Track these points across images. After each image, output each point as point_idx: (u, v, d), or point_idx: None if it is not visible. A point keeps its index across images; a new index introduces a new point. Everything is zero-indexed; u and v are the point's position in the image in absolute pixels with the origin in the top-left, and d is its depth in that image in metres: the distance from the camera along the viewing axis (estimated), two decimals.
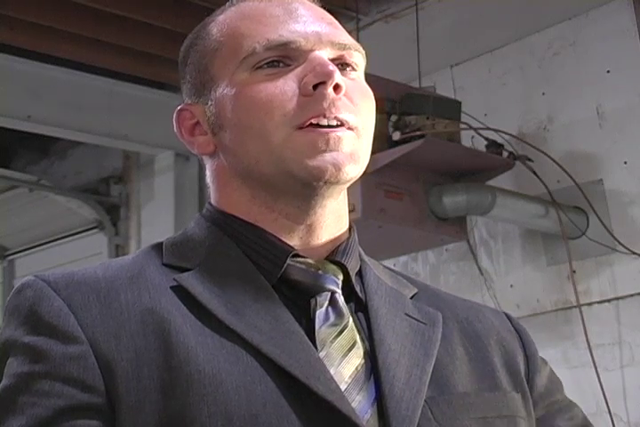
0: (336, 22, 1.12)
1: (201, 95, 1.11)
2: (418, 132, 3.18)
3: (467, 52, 3.92)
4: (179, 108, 1.14)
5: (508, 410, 1.07)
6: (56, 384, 0.94)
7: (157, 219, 4.89)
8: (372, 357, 1.02)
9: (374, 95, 1.09)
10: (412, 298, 1.13)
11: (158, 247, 1.09)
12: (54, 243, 5.48)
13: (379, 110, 1.10)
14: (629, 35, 3.50)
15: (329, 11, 1.16)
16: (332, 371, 0.99)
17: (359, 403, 0.98)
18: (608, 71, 3.55)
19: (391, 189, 3.19)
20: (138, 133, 4.71)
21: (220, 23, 1.12)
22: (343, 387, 0.98)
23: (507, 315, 1.21)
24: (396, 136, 3.18)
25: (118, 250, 5.08)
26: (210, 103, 1.09)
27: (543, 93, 3.71)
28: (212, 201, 1.13)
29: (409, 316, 1.10)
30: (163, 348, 0.96)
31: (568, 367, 3.50)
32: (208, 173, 1.14)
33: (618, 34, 3.53)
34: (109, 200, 5.20)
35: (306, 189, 1.04)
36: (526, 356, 1.15)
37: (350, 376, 1.00)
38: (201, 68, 1.11)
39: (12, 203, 5.41)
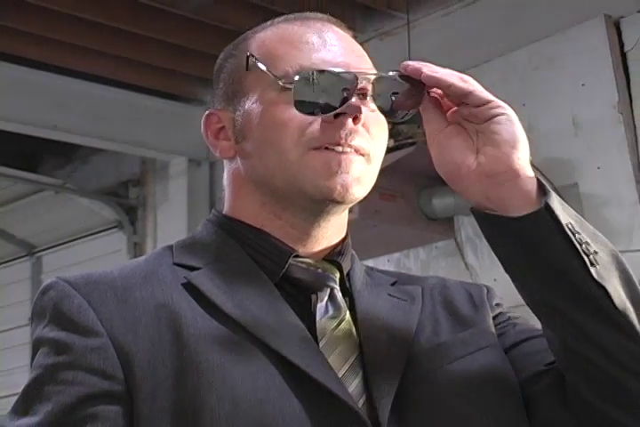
0: (364, 54, 1.12)
1: (230, 103, 1.10)
2: (409, 140, 3.18)
3: (454, 67, 3.89)
4: (208, 111, 1.13)
5: (485, 342, 1.09)
6: (79, 374, 0.95)
7: (171, 219, 4.89)
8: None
9: None
10: (392, 285, 1.14)
11: (169, 249, 1.09)
12: (78, 241, 5.48)
13: None
14: (602, 51, 3.50)
15: None
16: (330, 359, 0.99)
17: (355, 387, 0.99)
18: (583, 84, 3.55)
19: (385, 191, 3.20)
20: (154, 141, 4.71)
21: (258, 40, 1.11)
22: (341, 373, 0.99)
23: (487, 287, 1.21)
24: (390, 143, 3.18)
25: (136, 248, 5.08)
26: (237, 113, 1.08)
27: (524, 105, 3.70)
28: (225, 202, 1.13)
29: (390, 295, 1.11)
30: (175, 339, 0.96)
31: None
32: (225, 175, 1.14)
33: (592, 50, 3.53)
34: (128, 202, 5.21)
35: (314, 205, 1.04)
36: (489, 301, 1.16)
37: (347, 364, 1.00)
38: (234, 79, 1.10)
39: (39, 204, 5.42)
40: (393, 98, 1.05)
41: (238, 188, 1.11)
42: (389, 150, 3.16)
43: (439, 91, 1.04)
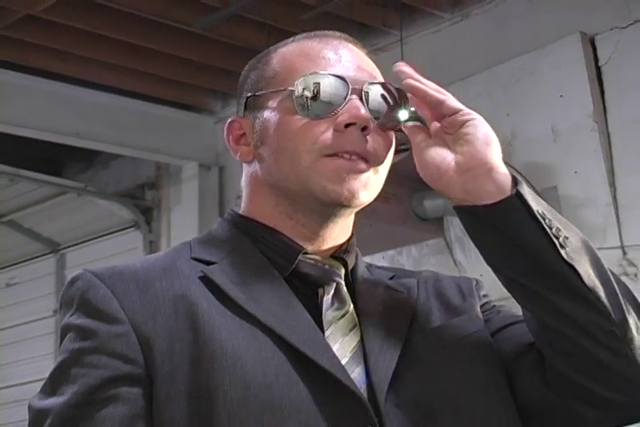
0: (375, 69, 1.12)
1: (251, 112, 1.10)
2: (403, 146, 3.18)
3: (443, 80, 3.90)
4: (231, 119, 1.13)
5: (474, 327, 1.10)
6: (103, 358, 0.95)
7: (184, 219, 4.89)
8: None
9: None
10: (390, 279, 1.14)
11: (187, 245, 1.09)
12: (98, 239, 5.48)
13: None
14: (579, 65, 3.50)
15: None
16: (335, 347, 0.99)
17: (358, 374, 0.99)
18: (561, 96, 3.55)
19: (380, 193, 3.20)
20: (168, 147, 4.72)
21: (280, 55, 1.11)
22: (344, 361, 0.99)
23: (476, 280, 1.22)
24: None
25: (151, 245, 5.08)
26: (257, 121, 1.08)
27: (507, 114, 3.71)
28: (242, 203, 1.13)
29: (389, 287, 1.11)
30: (191, 328, 0.96)
31: None
32: (243, 177, 1.13)
33: (569, 64, 3.53)
34: (144, 203, 5.20)
35: (323, 208, 1.05)
36: (477, 293, 1.17)
37: (351, 351, 1.01)
38: (256, 90, 1.10)
39: (63, 206, 5.42)
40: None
41: (255, 189, 1.11)
42: None
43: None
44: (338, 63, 1.07)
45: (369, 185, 1.06)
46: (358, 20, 4.03)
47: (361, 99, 1.04)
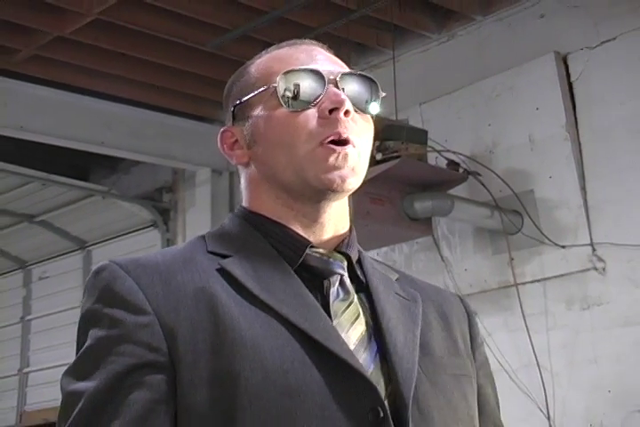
0: (345, 65, 1.10)
1: (240, 119, 1.07)
2: (395, 154, 3.18)
3: (432, 94, 3.93)
4: (222, 129, 1.10)
5: (466, 371, 1.06)
6: (129, 346, 0.92)
7: (198, 219, 4.89)
8: (372, 325, 1.01)
9: None
10: (396, 280, 1.11)
11: (202, 239, 1.06)
12: (121, 237, 5.48)
13: None
14: (553, 81, 3.51)
15: None
16: (342, 335, 0.97)
17: (364, 360, 0.97)
18: (537, 109, 3.56)
19: (375, 196, 3.20)
20: (183, 155, 4.72)
21: (256, 65, 1.09)
22: (352, 347, 0.97)
23: (461, 298, 1.18)
24: (379, 157, 3.19)
25: (169, 243, 5.07)
26: (246, 124, 1.06)
27: (489, 125, 3.71)
28: (244, 202, 1.10)
29: (397, 294, 1.08)
30: (212, 318, 0.94)
31: (507, 331, 3.50)
32: (242, 179, 1.11)
33: (544, 81, 3.54)
34: (162, 205, 5.20)
35: (318, 194, 1.02)
36: (471, 335, 1.13)
37: (357, 339, 0.99)
38: (241, 98, 1.07)
39: (89, 207, 5.42)
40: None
41: (255, 188, 1.08)
42: (378, 163, 3.18)
43: None
44: (311, 60, 1.06)
45: (356, 169, 1.03)
46: (355, 40, 4.04)
47: (337, 87, 1.03)
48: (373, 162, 3.17)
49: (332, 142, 1.01)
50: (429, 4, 3.87)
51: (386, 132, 3.22)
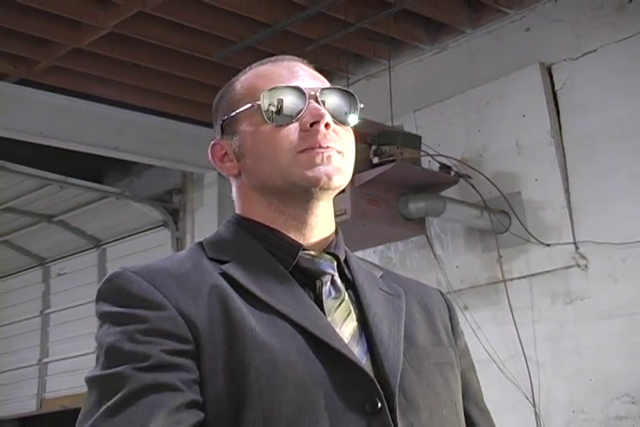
0: (325, 80, 1.10)
1: (228, 133, 1.08)
2: (391, 158, 3.18)
3: (425, 102, 3.93)
4: (212, 142, 1.10)
5: (449, 359, 1.07)
6: (157, 338, 0.91)
7: (205, 219, 4.89)
8: (361, 321, 1.02)
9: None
10: (380, 277, 1.12)
11: (200, 246, 1.06)
12: (133, 236, 5.48)
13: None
14: (538, 90, 3.51)
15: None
16: (337, 330, 0.98)
17: (357, 353, 0.98)
18: (524, 115, 3.56)
19: (372, 198, 3.20)
20: (192, 159, 4.71)
21: (241, 81, 1.09)
22: (346, 342, 0.98)
23: (441, 292, 1.19)
24: (376, 160, 3.19)
25: (178, 242, 5.07)
26: (235, 138, 1.06)
27: (479, 131, 3.72)
28: (237, 209, 1.10)
29: (381, 289, 1.08)
30: (225, 312, 0.94)
31: (496, 324, 3.50)
32: (233, 188, 1.11)
33: (530, 89, 3.54)
34: (172, 206, 5.20)
35: (305, 193, 1.02)
36: (452, 325, 1.14)
37: (350, 334, 0.99)
38: (228, 113, 1.08)
39: (104, 208, 5.42)
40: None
41: (246, 196, 1.08)
42: (375, 166, 3.19)
43: None
44: (292, 77, 1.06)
45: (342, 170, 1.02)
46: (353, 52, 4.04)
47: (317, 102, 1.03)
48: (370, 165, 3.17)
49: (313, 149, 1.01)
50: (423, 18, 3.87)
51: (382, 137, 3.23)
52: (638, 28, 3.33)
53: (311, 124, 1.01)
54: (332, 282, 1.03)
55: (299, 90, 1.03)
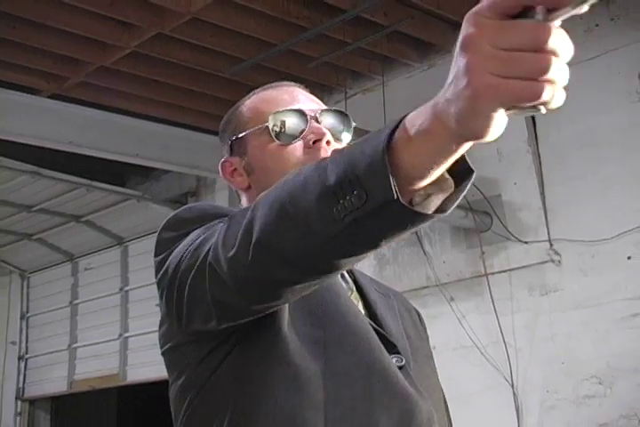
0: (321, 102, 1.13)
1: (237, 151, 1.10)
2: None
3: None
4: (222, 160, 1.12)
5: (430, 352, 1.10)
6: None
7: None
8: (367, 314, 1.03)
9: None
10: (371, 280, 1.14)
11: None
12: (153, 235, 5.38)
13: None
14: None
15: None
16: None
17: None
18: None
19: None
20: (205, 165, 4.70)
21: (247, 105, 1.12)
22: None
23: (403, 297, 1.21)
24: None
25: None
26: (244, 156, 1.08)
27: None
28: None
29: (375, 290, 1.10)
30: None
31: (478, 314, 3.51)
32: (244, 200, 1.11)
33: None
34: None
35: None
36: (423, 329, 1.16)
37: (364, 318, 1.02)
38: (236, 134, 1.10)
39: (126, 209, 5.42)
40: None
41: None
42: None
43: None
44: (293, 100, 1.08)
45: None
46: (350, 68, 4.05)
47: (318, 122, 1.06)
48: None
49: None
50: (413, 39, 3.88)
51: None
52: (605, 49, 3.34)
53: (314, 142, 1.04)
54: (342, 275, 1.05)
55: (301, 112, 1.06)
